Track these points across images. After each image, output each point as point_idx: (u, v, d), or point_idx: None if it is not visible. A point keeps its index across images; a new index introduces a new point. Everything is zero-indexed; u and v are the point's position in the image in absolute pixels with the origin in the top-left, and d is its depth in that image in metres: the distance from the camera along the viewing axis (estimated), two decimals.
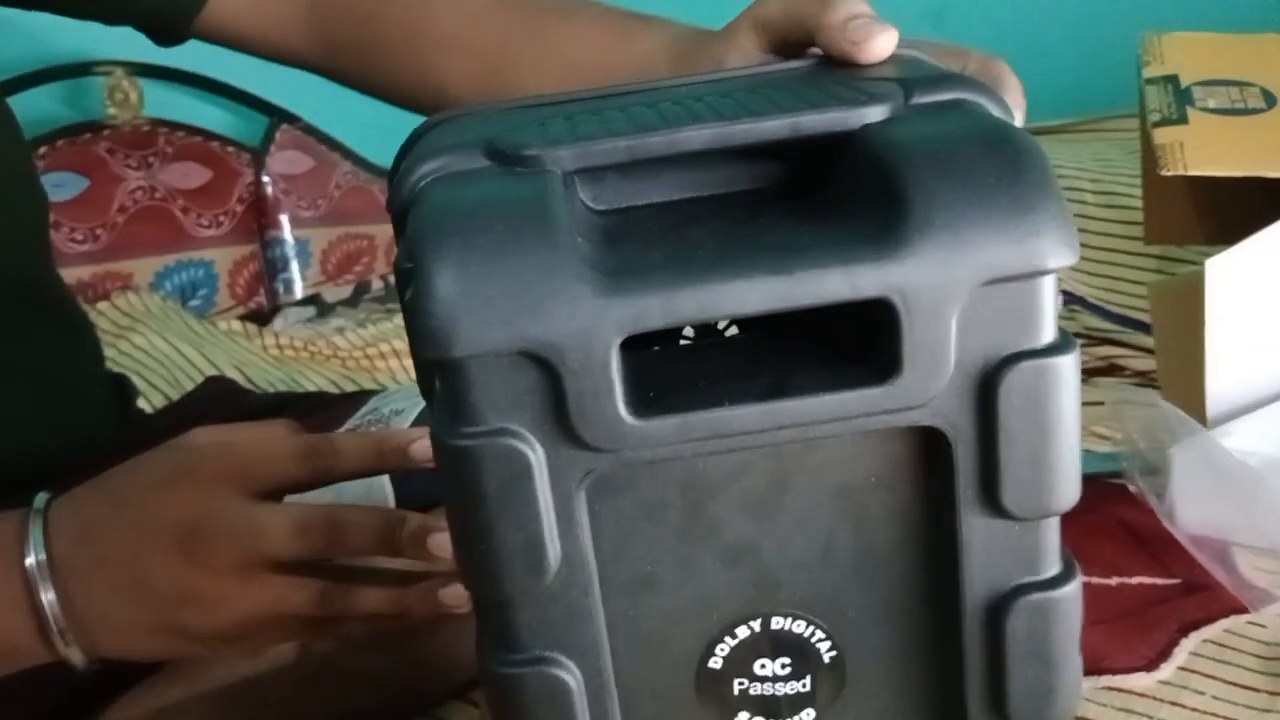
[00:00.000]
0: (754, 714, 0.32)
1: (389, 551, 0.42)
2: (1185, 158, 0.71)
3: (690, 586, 0.31)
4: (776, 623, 0.32)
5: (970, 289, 0.27)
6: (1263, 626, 0.55)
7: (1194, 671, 0.52)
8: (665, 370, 0.30)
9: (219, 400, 0.69)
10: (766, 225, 0.30)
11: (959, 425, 0.29)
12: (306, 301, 1.51)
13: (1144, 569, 0.63)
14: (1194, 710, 0.49)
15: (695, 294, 0.27)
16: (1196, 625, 0.56)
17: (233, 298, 1.46)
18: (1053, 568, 0.31)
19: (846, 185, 0.30)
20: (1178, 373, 0.79)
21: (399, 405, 0.62)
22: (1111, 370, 0.99)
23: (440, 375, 0.28)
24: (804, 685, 0.32)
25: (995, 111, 0.31)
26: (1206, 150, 0.71)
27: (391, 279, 1.64)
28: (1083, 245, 1.06)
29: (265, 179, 1.50)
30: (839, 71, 0.37)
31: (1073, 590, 0.31)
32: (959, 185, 0.27)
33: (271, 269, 1.52)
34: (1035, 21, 1.56)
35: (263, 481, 0.42)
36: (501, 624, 0.30)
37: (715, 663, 0.32)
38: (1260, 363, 0.73)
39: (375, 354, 1.28)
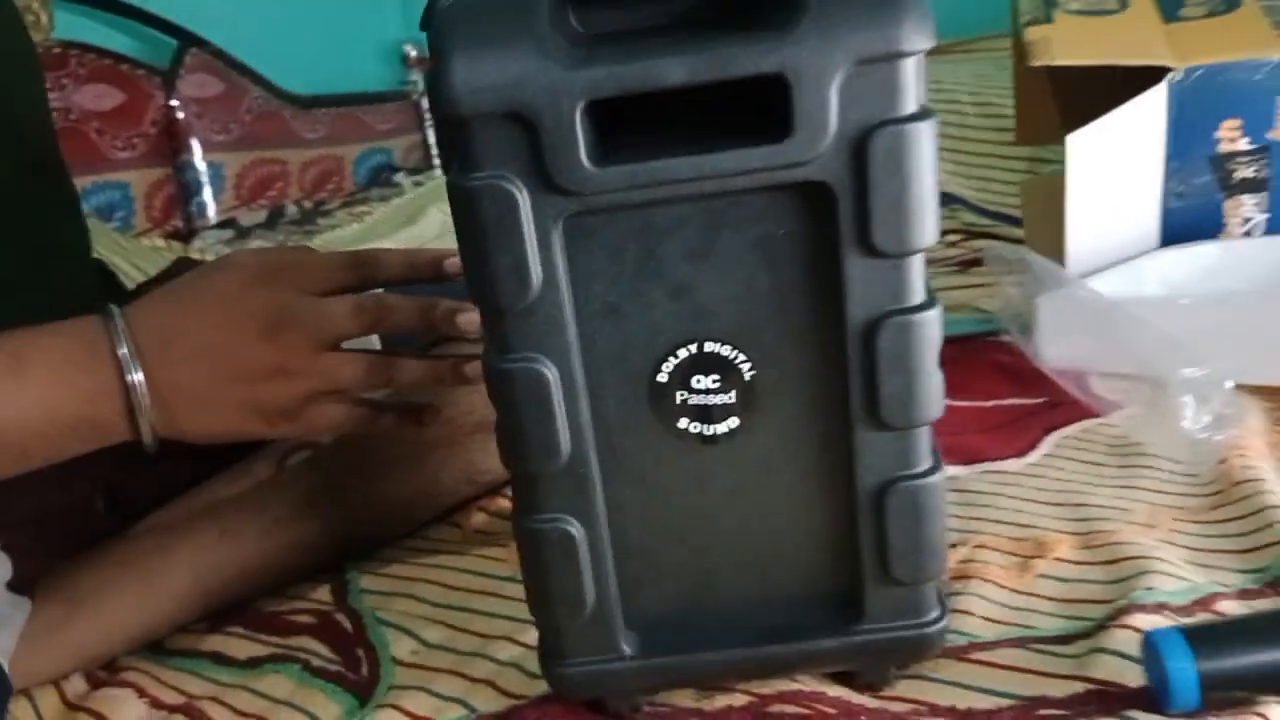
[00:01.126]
0: (692, 420, 0.41)
1: (427, 326, 0.50)
2: (1053, 50, 0.81)
3: (643, 315, 0.40)
4: (709, 346, 0.40)
5: (846, 66, 0.35)
6: (1114, 426, 0.67)
7: (1057, 457, 0.63)
8: (627, 140, 0.38)
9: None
10: (705, 30, 0.38)
11: (841, 180, 0.37)
12: (223, 225, 1.53)
13: (1015, 393, 0.73)
14: (1057, 480, 0.60)
15: (638, 68, 0.36)
16: (1059, 426, 0.67)
17: (149, 220, 1.48)
18: (916, 297, 0.38)
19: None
20: (1043, 252, 0.90)
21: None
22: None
23: (455, 135, 0.37)
24: (730, 398, 0.41)
25: None
26: (1069, 44, 0.82)
27: (305, 204, 1.67)
28: (961, 151, 1.18)
29: (175, 102, 1.51)
30: None
31: (932, 315, 0.39)
32: None
33: (186, 192, 1.54)
34: None
35: (323, 285, 0.50)
36: (500, 333, 0.40)
37: (662, 377, 0.41)
38: (1110, 227, 0.85)
39: None
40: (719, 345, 0.41)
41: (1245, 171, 0.83)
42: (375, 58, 1.90)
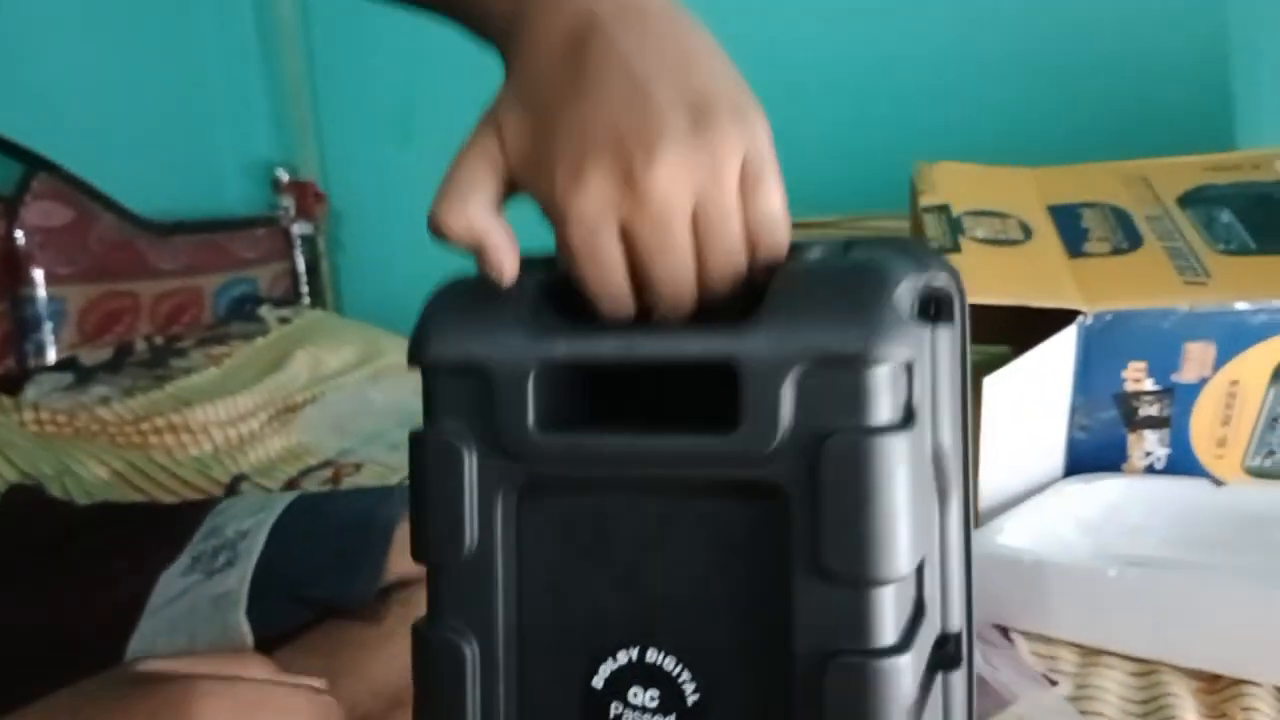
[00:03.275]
0: None
1: None
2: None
3: (587, 602, 0.36)
4: (651, 655, 0.36)
5: (802, 363, 0.32)
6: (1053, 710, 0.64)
7: None
8: (596, 417, 0.37)
9: (29, 514, 0.63)
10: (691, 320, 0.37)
11: (795, 487, 0.33)
12: (62, 366, 1.40)
13: None
14: None
15: (589, 344, 0.36)
16: (991, 712, 0.64)
17: None
18: (879, 638, 0.32)
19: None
20: None
21: (243, 525, 0.61)
22: None
23: (423, 383, 0.37)
24: None
25: (908, 265, 0.36)
26: (979, 279, 0.82)
27: (157, 340, 1.55)
28: None
29: (18, 232, 1.38)
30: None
31: (899, 664, 0.32)
32: (808, 288, 0.34)
33: (21, 329, 1.40)
34: (800, 126, 1.69)
35: None
36: (431, 591, 0.37)
37: (598, 681, 0.36)
38: (1020, 463, 0.84)
39: (149, 429, 1.20)
40: (662, 656, 0.35)
41: (1149, 410, 0.83)
42: (242, 181, 1.80)
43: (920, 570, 0.36)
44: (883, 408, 0.33)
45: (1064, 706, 0.62)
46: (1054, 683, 0.67)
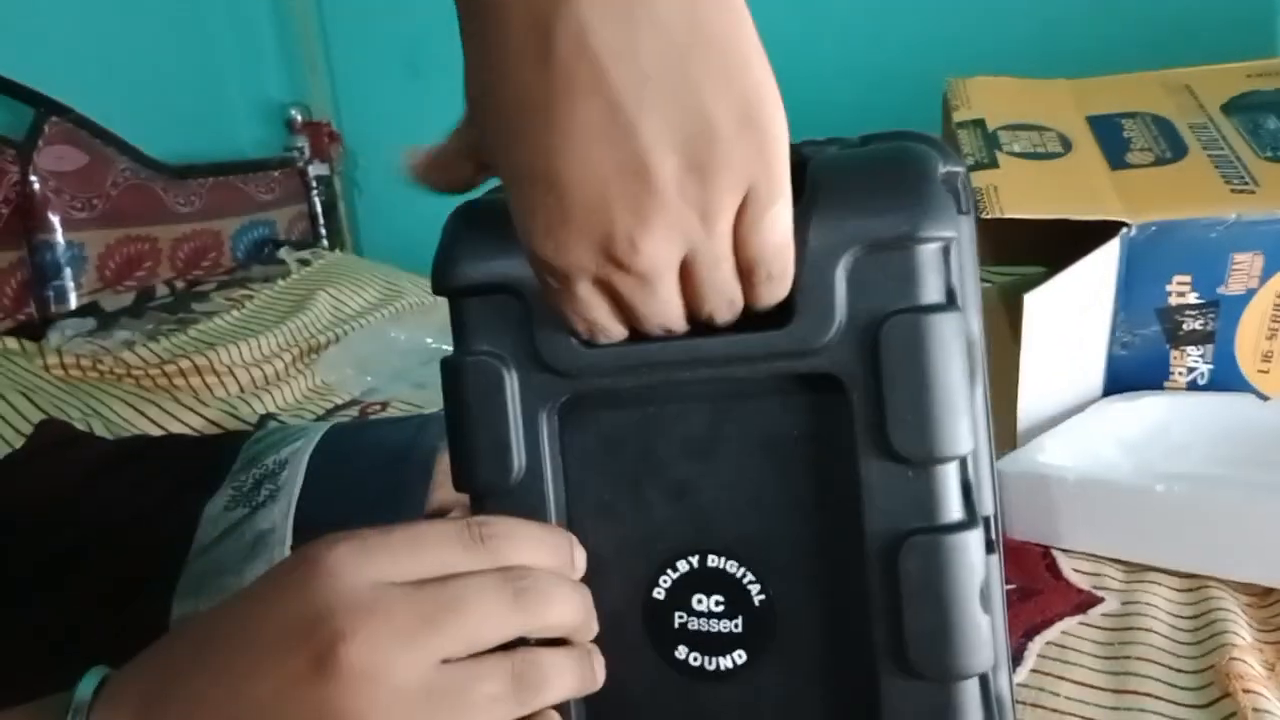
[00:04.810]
0: (692, 649, 0.36)
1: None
2: (1000, 201, 0.78)
3: (640, 517, 0.36)
4: (712, 560, 0.36)
5: (854, 250, 0.33)
6: (1094, 628, 0.63)
7: (1045, 673, 0.59)
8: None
9: (57, 450, 0.62)
10: None
11: (853, 373, 0.33)
12: (84, 312, 1.39)
13: None
14: (1053, 711, 0.55)
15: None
16: (1038, 629, 0.63)
17: None
18: (948, 515, 0.33)
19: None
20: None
21: (280, 455, 0.60)
22: None
23: (450, 309, 0.36)
24: (735, 625, 0.36)
25: (935, 153, 0.36)
26: (1017, 194, 0.79)
27: (178, 284, 1.54)
28: None
29: (33, 177, 1.37)
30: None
31: (969, 538, 0.33)
32: (852, 173, 0.34)
33: (41, 276, 1.39)
34: (824, 43, 1.64)
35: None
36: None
37: (659, 593, 0.36)
38: (1059, 382, 0.82)
39: (174, 371, 1.19)
40: (723, 560, 0.36)
41: (1193, 324, 0.81)
42: (255, 121, 1.78)
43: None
44: (933, 287, 0.33)
45: (1090, 632, 0.61)
46: (1100, 599, 0.65)
